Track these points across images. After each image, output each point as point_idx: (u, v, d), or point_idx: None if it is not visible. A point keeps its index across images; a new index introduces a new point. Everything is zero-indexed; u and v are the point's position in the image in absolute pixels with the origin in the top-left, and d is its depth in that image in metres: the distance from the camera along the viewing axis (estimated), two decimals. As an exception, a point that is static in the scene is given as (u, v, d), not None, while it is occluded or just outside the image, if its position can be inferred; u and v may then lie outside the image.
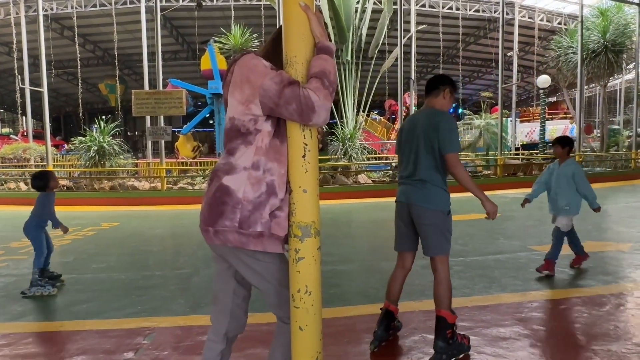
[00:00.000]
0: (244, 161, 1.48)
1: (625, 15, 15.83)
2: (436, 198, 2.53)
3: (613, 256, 4.81)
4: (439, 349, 2.49)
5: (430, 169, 2.52)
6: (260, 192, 1.47)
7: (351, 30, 13.30)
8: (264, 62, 1.45)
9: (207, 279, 4.22)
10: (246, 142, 1.49)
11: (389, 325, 2.75)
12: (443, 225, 2.54)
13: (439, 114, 2.53)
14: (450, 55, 26.82)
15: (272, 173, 1.48)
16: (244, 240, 1.48)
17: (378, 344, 2.70)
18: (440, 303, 2.54)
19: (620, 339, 2.77)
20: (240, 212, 1.46)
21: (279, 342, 1.68)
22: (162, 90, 10.97)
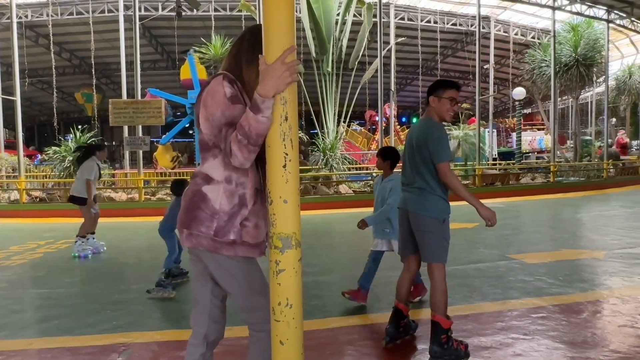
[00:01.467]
0: (218, 174, 1.59)
1: (595, 30, 16.44)
2: (432, 205, 2.58)
3: (588, 264, 4.91)
4: (434, 354, 2.54)
5: (427, 177, 2.58)
6: (233, 203, 1.58)
7: (332, 42, 13.42)
8: (226, 90, 1.52)
9: (185, 292, 4.12)
10: (213, 154, 1.59)
11: (399, 323, 2.84)
12: (439, 232, 2.58)
13: (429, 125, 2.60)
14: (429, 68, 27.30)
15: (244, 187, 1.60)
16: (217, 246, 1.58)
17: (390, 340, 2.81)
18: (435, 308, 2.59)
19: (598, 345, 2.81)
20: (217, 222, 1.57)
21: (253, 355, 1.70)
22: (140, 100, 10.80)
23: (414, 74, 26.64)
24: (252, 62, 1.59)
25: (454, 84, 2.67)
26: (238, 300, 1.67)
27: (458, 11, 19.55)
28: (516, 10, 19.28)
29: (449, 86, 2.63)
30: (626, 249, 5.46)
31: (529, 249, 5.59)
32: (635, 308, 3.45)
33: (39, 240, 6.79)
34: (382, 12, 12.95)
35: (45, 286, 4.39)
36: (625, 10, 16.63)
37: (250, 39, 1.64)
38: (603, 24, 16.36)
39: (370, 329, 3.12)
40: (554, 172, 14.12)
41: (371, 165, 16.56)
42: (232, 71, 1.61)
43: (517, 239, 6.53)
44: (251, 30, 1.67)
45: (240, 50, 1.65)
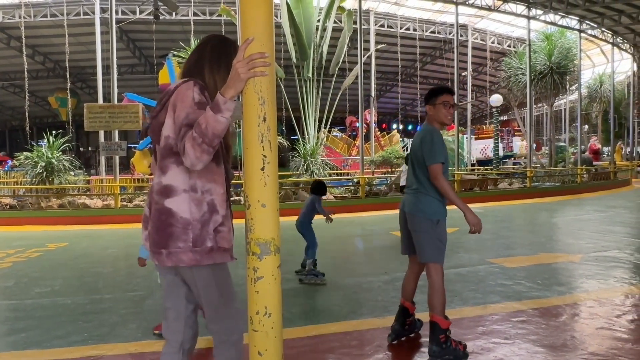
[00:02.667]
0: (181, 183, 1.57)
1: (567, 40, 16.94)
2: (425, 206, 2.66)
3: (565, 267, 4.98)
4: (433, 353, 2.58)
5: (422, 179, 2.69)
6: (203, 211, 1.57)
7: (312, 48, 13.44)
8: (195, 95, 1.53)
9: (161, 301, 3.99)
10: (177, 161, 1.55)
11: (405, 321, 2.92)
12: (433, 233, 2.64)
13: (425, 129, 2.75)
14: (408, 74, 27.65)
15: (211, 193, 1.59)
16: (198, 257, 1.56)
17: (395, 337, 2.89)
18: (433, 308, 2.65)
19: (577, 348, 2.82)
20: (192, 232, 1.55)
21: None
22: (117, 104, 10.56)
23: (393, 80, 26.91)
24: (216, 69, 1.63)
25: (445, 88, 2.76)
26: (210, 310, 1.66)
27: (437, 19, 19.88)
28: (493, 20, 19.72)
29: (440, 92, 2.72)
30: (601, 252, 5.57)
31: (508, 253, 5.65)
32: (612, 310, 3.50)
33: (8, 249, 6.52)
34: (362, 19, 13.05)
35: (13, 297, 4.20)
36: (596, 21, 17.20)
37: (214, 47, 1.67)
38: (575, 33, 16.87)
39: (352, 336, 3.07)
40: (531, 178, 14.41)
41: (352, 171, 16.59)
42: (195, 77, 1.62)
43: (496, 243, 6.60)
44: (213, 39, 1.71)
45: (202, 57, 1.66)
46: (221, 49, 1.66)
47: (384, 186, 12.93)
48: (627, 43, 20.13)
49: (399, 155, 13.91)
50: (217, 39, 1.71)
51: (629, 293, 3.96)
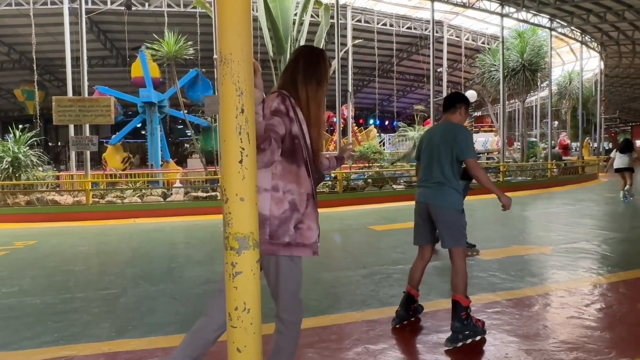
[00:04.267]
0: (265, 184, 1.75)
1: (539, 37, 17.36)
2: (451, 198, 2.91)
3: (537, 259, 5.12)
4: (455, 329, 2.78)
5: (447, 173, 2.90)
6: (284, 209, 1.76)
7: (289, 42, 13.33)
8: (273, 104, 1.75)
9: (135, 299, 3.90)
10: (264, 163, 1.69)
11: (409, 306, 3.12)
12: (458, 221, 2.91)
13: (457, 127, 2.96)
14: (385, 70, 27.82)
15: (292, 193, 1.78)
16: (275, 248, 1.77)
17: (399, 321, 3.08)
18: (456, 289, 2.86)
19: (549, 337, 2.91)
20: (269, 227, 1.75)
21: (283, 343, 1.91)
22: (87, 98, 10.23)
23: (370, 75, 27.04)
24: (308, 82, 1.86)
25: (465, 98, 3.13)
26: (284, 300, 1.87)
27: (413, 15, 20.03)
28: (467, 16, 20.01)
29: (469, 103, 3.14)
30: (571, 244, 5.75)
31: (482, 246, 5.76)
32: (581, 300, 3.62)
33: (-28, 248, 6.25)
34: (339, 14, 13.02)
35: (-23, 297, 4.03)
36: (566, 20, 17.69)
37: (306, 61, 1.88)
38: (547, 31, 17.30)
39: (331, 330, 3.07)
40: (504, 172, 14.74)
41: (329, 166, 16.58)
42: (288, 89, 1.83)
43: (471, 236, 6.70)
44: (305, 52, 1.94)
45: (296, 70, 1.87)
46: (311, 60, 1.88)
47: (361, 181, 12.99)
48: (594, 42, 20.79)
49: (376, 150, 14.00)
50: (307, 52, 1.93)
51: (597, 283, 4.11)
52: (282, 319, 1.91)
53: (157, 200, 10.19)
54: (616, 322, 3.17)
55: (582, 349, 2.70)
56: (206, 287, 4.20)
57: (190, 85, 13.89)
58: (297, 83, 1.86)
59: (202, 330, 1.94)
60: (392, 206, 10.46)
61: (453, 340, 2.75)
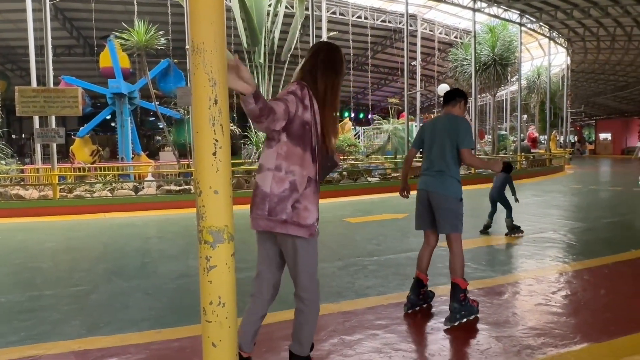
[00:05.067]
0: (270, 163, 1.89)
1: (509, 33, 17.74)
2: (451, 186, 3.07)
3: (507, 248, 5.27)
4: (454, 310, 2.98)
5: (449, 162, 3.07)
6: (283, 188, 1.87)
7: (263, 33, 13.16)
8: (294, 88, 1.91)
9: (107, 296, 3.81)
10: (268, 145, 1.92)
11: (419, 291, 3.25)
12: (457, 209, 3.07)
13: (459, 119, 3.16)
14: (360, 63, 27.87)
15: (294, 174, 1.89)
16: (272, 225, 1.90)
17: (410, 306, 3.21)
18: (455, 272, 3.06)
19: (518, 324, 3.01)
20: (268, 204, 1.88)
21: (305, 322, 2.12)
22: (53, 88, 9.83)
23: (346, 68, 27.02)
24: (326, 75, 2.01)
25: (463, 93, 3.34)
26: (296, 273, 2.06)
27: (387, 8, 20.10)
28: (441, 10, 20.22)
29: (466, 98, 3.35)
30: (538, 234, 5.95)
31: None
32: (549, 287, 3.75)
33: None
34: (314, 6, 12.94)
35: (-63, 297, 3.84)
36: (535, 15, 18.13)
37: (325, 57, 2.04)
38: (517, 27, 17.69)
39: (307, 322, 3.08)
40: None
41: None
42: (308, 82, 1.98)
43: (444, 227, 6.85)
44: (323, 49, 2.09)
45: (316, 65, 2.02)
46: (330, 57, 2.05)
47: (336, 174, 13.03)
48: (562, 38, 21.41)
49: (351, 142, 14.04)
50: (327, 49, 2.09)
51: (563, 271, 4.27)
52: (302, 297, 2.10)
53: (128, 194, 9.95)
54: (581, 308, 3.30)
55: (550, 334, 2.81)
56: (180, 282, 4.14)
57: (162, 76, 13.56)
58: (317, 76, 2.00)
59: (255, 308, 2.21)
60: (367, 199, 10.54)
61: (451, 320, 2.96)
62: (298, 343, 2.13)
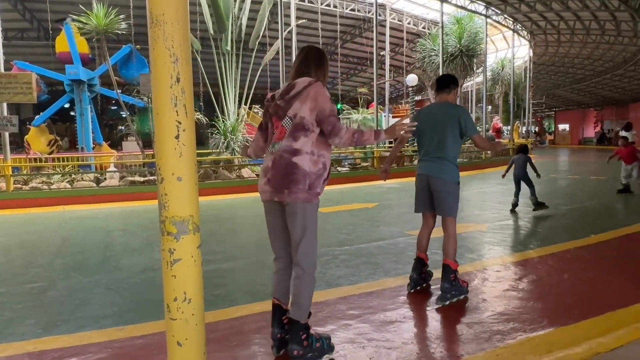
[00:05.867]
0: (306, 148, 2.26)
1: (475, 24, 18.04)
2: (450, 171, 3.21)
3: (475, 236, 5.36)
4: (444, 289, 3.13)
5: (449, 149, 3.21)
6: (319, 168, 2.30)
7: (230, 20, 12.79)
8: (327, 93, 2.31)
9: (66, 292, 3.60)
10: (306, 134, 2.27)
11: (421, 270, 3.40)
12: (454, 192, 3.23)
13: (459, 108, 3.30)
14: (329, 52, 27.69)
15: (324, 157, 2.34)
16: (310, 197, 2.28)
17: (414, 285, 3.35)
18: (447, 254, 3.20)
19: (488, 310, 3.04)
20: (309, 180, 2.26)
21: (303, 287, 2.29)
22: (4, 73, 9.22)
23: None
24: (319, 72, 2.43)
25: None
26: (300, 240, 2.30)
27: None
28: (409, 1, 20.32)
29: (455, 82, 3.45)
30: (504, 221, 6.08)
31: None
32: (515, 273, 3.83)
33: None
34: (283, -8, 12.69)
35: None
36: (500, 8, 18.50)
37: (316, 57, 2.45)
38: (482, 18, 18.00)
39: (278, 314, 3.00)
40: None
41: (274, 149, 16.36)
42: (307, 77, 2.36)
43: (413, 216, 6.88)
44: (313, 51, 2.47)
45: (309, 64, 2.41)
46: (319, 57, 2.45)
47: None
48: (525, 30, 21.99)
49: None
50: (316, 52, 2.47)
51: (529, 257, 4.37)
52: (301, 263, 2.30)
53: (89, 185, 9.53)
54: (547, 293, 3.38)
55: (518, 319, 2.85)
56: (145, 276, 3.97)
57: (124, 63, 12.99)
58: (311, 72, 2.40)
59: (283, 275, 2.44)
60: (337, 188, 10.53)
61: (442, 299, 3.10)
62: (298, 307, 2.28)
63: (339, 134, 2.24)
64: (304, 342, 2.25)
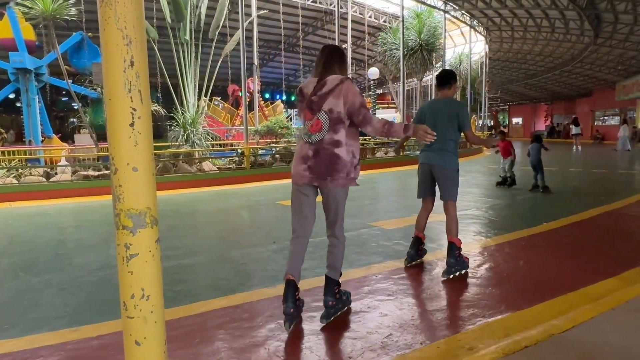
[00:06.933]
0: (343, 139, 2.59)
1: (434, 19, 18.42)
2: (450, 160, 3.61)
3: (435, 226, 5.48)
4: (450, 264, 3.51)
5: (448, 140, 3.57)
6: (351, 156, 2.64)
7: (189, 8, 12.40)
8: (356, 87, 2.63)
9: (13, 293, 3.39)
10: (343, 126, 2.60)
11: (418, 247, 3.86)
12: (455, 179, 3.65)
13: (460, 104, 3.73)
14: (290, 44, 27.49)
15: (354, 146, 2.67)
16: (347, 182, 2.65)
17: (410, 260, 3.81)
18: (451, 233, 3.63)
19: (449, 297, 3.12)
20: (347, 168, 2.62)
21: (338, 254, 2.79)
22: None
23: (276, 49, 26.55)
24: (343, 69, 2.74)
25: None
26: (337, 219, 2.75)
27: (318, -11, 19.89)
28: (370, -6, 20.44)
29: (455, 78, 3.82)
30: (462, 211, 6.25)
31: (387, 216, 6.04)
32: (474, 261, 3.95)
33: None
34: (243, -19, 12.42)
35: None
36: (457, 4, 18.96)
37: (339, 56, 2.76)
38: (441, 13, 18.38)
39: (242, 309, 2.96)
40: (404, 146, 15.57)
41: (236, 142, 16.13)
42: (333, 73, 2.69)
43: (376, 207, 7.02)
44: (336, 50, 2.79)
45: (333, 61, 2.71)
46: (341, 55, 2.77)
47: (268, 156, 12.83)
48: (481, 26, 22.67)
49: (284, 125, 13.86)
50: (338, 50, 2.79)
51: (486, 245, 4.53)
52: (338, 236, 2.77)
53: (38, 180, 9.02)
54: (504, 279, 3.51)
55: (477, 305, 2.94)
56: (101, 274, 3.80)
57: (75, 51, 12.35)
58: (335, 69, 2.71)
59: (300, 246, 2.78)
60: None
61: (448, 272, 3.48)
62: (334, 269, 2.74)
63: (370, 122, 2.58)
64: (336, 295, 2.74)
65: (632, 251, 4.21)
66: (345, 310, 2.87)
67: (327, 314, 2.69)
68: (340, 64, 2.73)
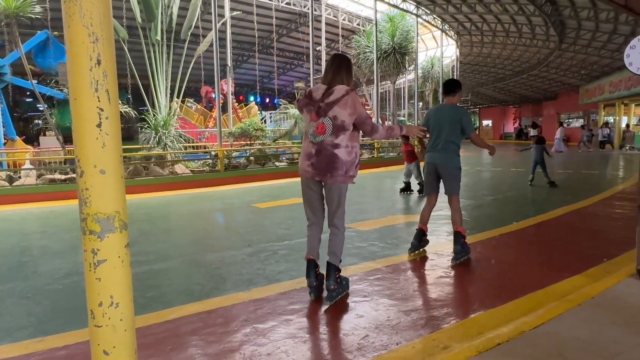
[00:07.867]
0: (343, 143, 2.93)
1: (407, 23, 18.69)
2: (453, 160, 4.03)
3: (409, 227, 5.54)
4: (457, 251, 3.91)
5: (451, 142, 4.01)
6: (352, 157, 2.97)
7: (160, 8, 12.17)
8: (360, 99, 3.00)
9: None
10: (344, 133, 2.93)
11: (421, 239, 4.24)
12: (457, 176, 4.09)
13: (462, 110, 4.13)
14: (265, 46, 27.33)
15: (355, 147, 3.01)
16: (345, 179, 2.97)
17: (413, 250, 4.19)
18: (456, 223, 4.01)
19: (424, 297, 3.15)
20: (345, 167, 2.94)
21: (338, 241, 3.09)
22: None
23: (250, 51, 26.35)
24: (349, 78, 3.09)
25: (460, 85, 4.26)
26: (337, 211, 3.05)
27: (292, -9, 19.85)
28: (344, -3, 20.54)
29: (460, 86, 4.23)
30: (436, 212, 6.28)
31: (362, 218, 6.07)
32: (448, 261, 4.01)
33: None
34: (216, -18, 12.28)
35: None
36: (429, 8, 19.31)
37: (348, 65, 3.11)
38: (414, 17, 18.68)
39: (216, 314, 2.90)
40: (378, 148, 15.75)
41: (209, 144, 15.90)
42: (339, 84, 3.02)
43: (351, 209, 7.01)
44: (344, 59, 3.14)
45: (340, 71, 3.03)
46: (349, 66, 3.11)
47: (243, 159, 12.71)
48: (452, 30, 23.15)
49: (258, 127, 13.76)
50: (347, 60, 3.13)
51: (459, 245, 4.59)
52: (337, 225, 3.07)
53: (0, 184, 8.64)
54: (476, 278, 3.58)
55: (452, 304, 2.99)
56: (67, 281, 3.66)
57: (40, 51, 11.92)
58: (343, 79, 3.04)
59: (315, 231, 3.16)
60: (275, 183, 10.44)
61: (456, 259, 3.88)
62: (334, 255, 3.04)
63: (378, 131, 3.06)
64: (337, 279, 3.03)
65: (595, 248, 4.37)
66: (344, 295, 3.15)
67: (330, 297, 3.01)
68: (347, 73, 3.06)
